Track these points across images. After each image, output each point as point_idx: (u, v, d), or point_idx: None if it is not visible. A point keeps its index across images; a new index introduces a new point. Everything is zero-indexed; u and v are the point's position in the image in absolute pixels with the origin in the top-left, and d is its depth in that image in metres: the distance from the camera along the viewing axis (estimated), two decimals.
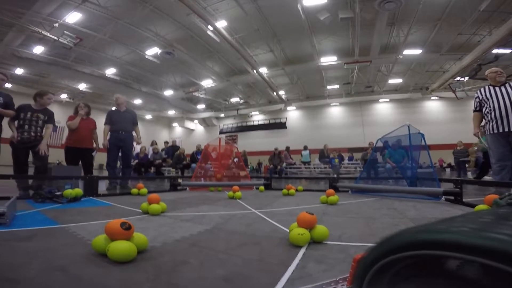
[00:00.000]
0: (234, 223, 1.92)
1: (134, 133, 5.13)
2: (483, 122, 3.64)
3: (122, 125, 4.89)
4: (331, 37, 14.17)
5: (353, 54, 15.16)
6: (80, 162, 4.54)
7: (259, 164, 19.52)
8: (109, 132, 4.85)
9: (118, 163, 5.42)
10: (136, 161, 8.06)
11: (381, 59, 15.67)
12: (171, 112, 26.83)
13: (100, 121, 4.91)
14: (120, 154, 5.08)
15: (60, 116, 19.13)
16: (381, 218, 2.16)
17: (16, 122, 3.82)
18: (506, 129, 3.32)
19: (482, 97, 3.59)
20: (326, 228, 1.40)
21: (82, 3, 10.89)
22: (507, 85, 3.45)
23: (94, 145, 4.75)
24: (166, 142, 11.49)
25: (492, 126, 3.46)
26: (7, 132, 3.77)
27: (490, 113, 3.46)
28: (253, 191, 4.58)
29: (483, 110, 3.59)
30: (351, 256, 0.62)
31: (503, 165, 3.41)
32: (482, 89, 3.64)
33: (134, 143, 5.22)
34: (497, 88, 3.48)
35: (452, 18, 11.73)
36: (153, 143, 9.28)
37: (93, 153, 4.79)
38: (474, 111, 3.75)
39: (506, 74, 3.59)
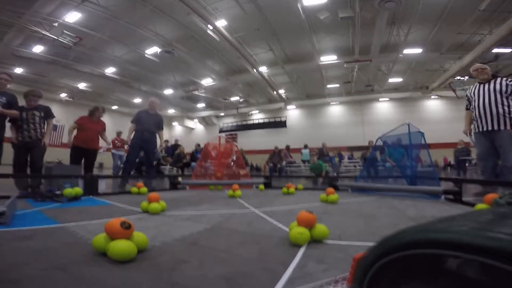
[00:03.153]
0: (234, 222, 1.93)
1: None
2: None
3: (147, 126, 4.99)
4: (331, 36, 14.14)
5: (353, 53, 15.13)
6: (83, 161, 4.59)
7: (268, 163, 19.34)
8: (134, 131, 4.94)
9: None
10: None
11: (381, 58, 15.64)
12: (171, 111, 26.82)
13: None
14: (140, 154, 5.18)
15: (60, 115, 19.12)
16: (381, 217, 2.17)
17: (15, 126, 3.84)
18: (485, 128, 3.30)
19: (470, 95, 3.58)
20: (326, 227, 1.40)
21: (82, 2, 10.86)
22: (492, 81, 3.36)
23: (105, 144, 4.77)
24: (166, 141, 11.48)
25: (475, 125, 3.45)
26: (8, 132, 3.77)
27: (474, 112, 3.45)
28: (253, 190, 4.59)
29: (471, 108, 3.57)
30: (351, 255, 0.62)
31: (484, 164, 3.41)
32: (472, 87, 3.61)
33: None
34: (481, 86, 3.43)
35: (452, 17, 11.70)
36: None
37: (101, 151, 4.78)
38: (466, 109, 3.73)
39: (490, 71, 3.49)
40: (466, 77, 15.58)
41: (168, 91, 21.40)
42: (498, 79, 3.36)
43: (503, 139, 3.19)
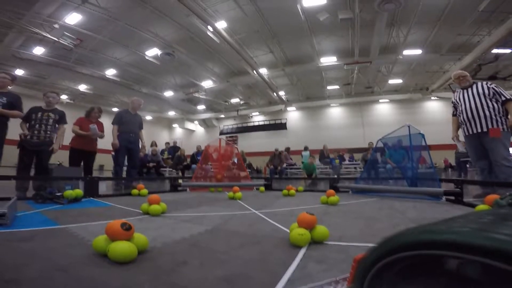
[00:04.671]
0: (234, 224, 1.92)
1: None
2: None
3: (132, 127, 4.95)
4: (331, 38, 14.16)
5: (353, 55, 15.14)
6: (82, 164, 4.59)
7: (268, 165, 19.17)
8: (118, 133, 4.86)
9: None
10: None
11: (381, 60, 15.64)
12: (171, 113, 26.82)
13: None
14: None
15: None
16: (382, 218, 2.16)
17: (27, 124, 3.87)
18: (475, 131, 3.38)
19: (455, 101, 3.66)
20: (326, 229, 1.40)
21: (82, 4, 10.89)
22: (474, 86, 3.48)
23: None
24: (167, 143, 11.50)
25: (463, 128, 3.54)
26: (12, 134, 3.78)
27: (461, 116, 3.54)
28: (253, 192, 4.58)
29: (457, 113, 3.65)
30: (352, 256, 0.62)
31: (480, 164, 3.49)
32: (456, 93, 3.71)
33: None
34: (465, 91, 3.55)
35: (451, 19, 11.72)
36: (153, 144, 9.25)
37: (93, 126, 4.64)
38: (452, 116, 3.82)
39: (470, 77, 3.62)
40: None
41: (169, 93, 21.42)
42: (479, 84, 3.50)
43: (492, 140, 3.28)
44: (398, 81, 19.45)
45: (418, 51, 14.62)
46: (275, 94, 20.40)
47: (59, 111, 4.12)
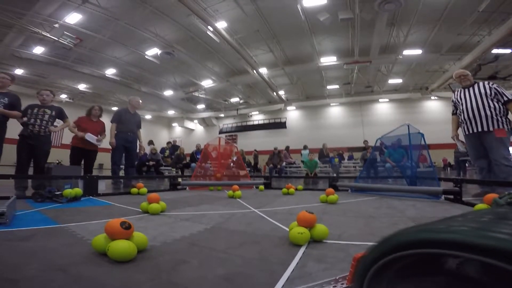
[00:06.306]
0: (234, 222, 1.92)
1: None
2: None
3: (130, 126, 4.95)
4: (331, 38, 14.15)
5: (353, 55, 15.13)
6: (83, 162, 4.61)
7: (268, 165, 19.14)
8: (116, 131, 4.86)
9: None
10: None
11: (381, 59, 15.63)
12: (171, 112, 26.81)
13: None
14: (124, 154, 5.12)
15: None
16: (381, 217, 2.16)
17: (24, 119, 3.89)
18: (475, 130, 3.40)
19: (455, 100, 3.67)
20: (326, 227, 1.40)
21: (82, 4, 10.87)
22: (475, 85, 3.50)
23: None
24: (168, 143, 11.50)
25: (464, 127, 3.56)
26: (11, 133, 3.78)
27: (461, 115, 3.55)
28: (253, 190, 4.58)
29: (457, 112, 3.66)
30: (351, 255, 0.62)
31: (480, 163, 3.52)
32: (456, 92, 3.72)
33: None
34: (466, 90, 3.56)
35: (451, 19, 11.71)
36: (151, 143, 9.24)
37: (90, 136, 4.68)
38: (452, 115, 3.83)
39: (471, 77, 3.64)
40: None
41: (168, 92, 21.41)
42: (481, 83, 3.51)
43: (492, 139, 3.30)
44: (398, 80, 19.45)
45: (418, 51, 14.61)
46: (275, 93, 20.39)
47: (56, 107, 4.13)
